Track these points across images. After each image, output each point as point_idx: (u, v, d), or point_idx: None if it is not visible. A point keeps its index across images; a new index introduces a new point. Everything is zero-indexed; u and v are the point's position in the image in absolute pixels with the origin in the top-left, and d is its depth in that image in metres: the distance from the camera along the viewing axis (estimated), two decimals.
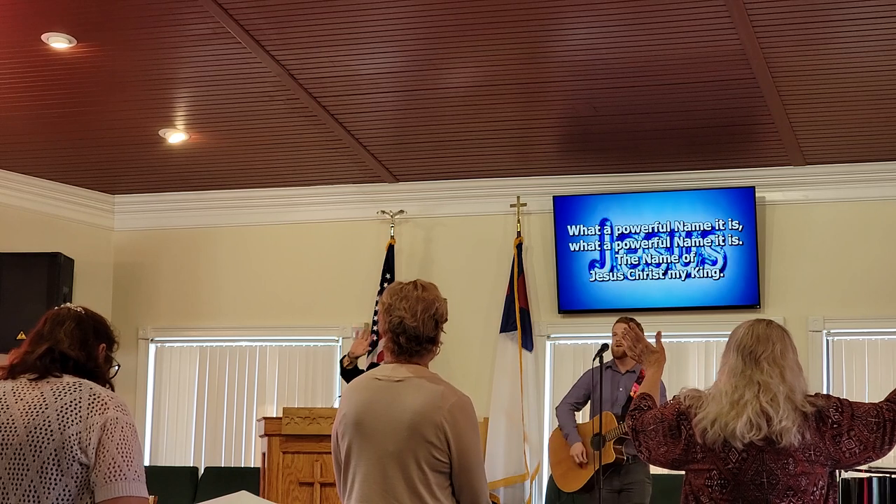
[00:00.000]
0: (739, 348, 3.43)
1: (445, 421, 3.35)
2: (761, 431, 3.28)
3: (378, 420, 3.38)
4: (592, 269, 8.60)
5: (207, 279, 9.41)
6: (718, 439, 3.33)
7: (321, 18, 6.41)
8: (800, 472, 3.28)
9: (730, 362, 3.44)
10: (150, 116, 7.88)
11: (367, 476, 3.37)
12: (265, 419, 6.89)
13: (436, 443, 3.34)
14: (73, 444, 2.89)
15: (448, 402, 3.37)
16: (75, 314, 3.12)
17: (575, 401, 7.21)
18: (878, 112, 7.39)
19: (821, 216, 8.37)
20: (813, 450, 3.30)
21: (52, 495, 2.88)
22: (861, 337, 8.25)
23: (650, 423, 3.53)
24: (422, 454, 3.33)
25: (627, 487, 6.83)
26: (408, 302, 3.45)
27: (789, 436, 3.26)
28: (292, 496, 6.64)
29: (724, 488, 3.33)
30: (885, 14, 6.12)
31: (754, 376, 3.36)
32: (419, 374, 3.44)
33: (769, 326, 3.48)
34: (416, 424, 3.34)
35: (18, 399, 2.97)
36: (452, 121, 7.80)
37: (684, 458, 3.43)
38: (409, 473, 3.33)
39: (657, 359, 3.87)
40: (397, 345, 3.46)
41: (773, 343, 3.42)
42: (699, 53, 6.66)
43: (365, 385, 3.49)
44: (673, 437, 3.45)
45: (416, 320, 3.43)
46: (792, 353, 3.43)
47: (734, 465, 3.32)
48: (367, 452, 3.38)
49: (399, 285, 3.53)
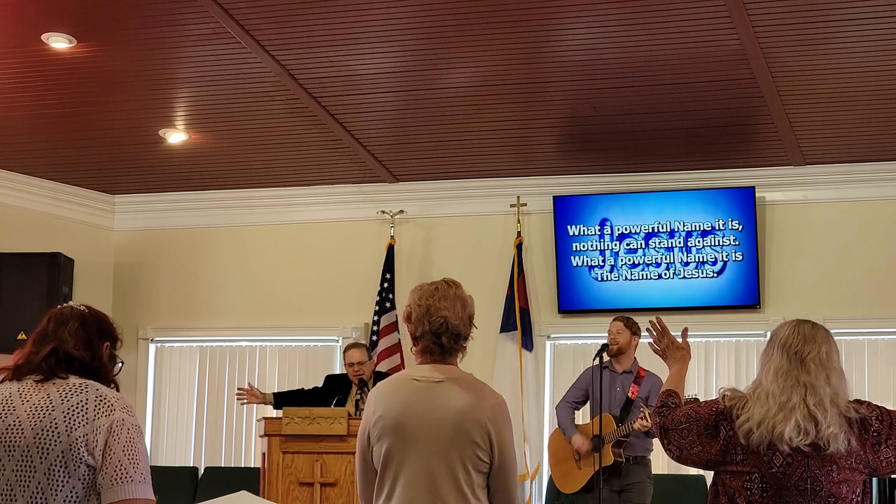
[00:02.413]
0: (785, 347, 3.33)
1: (489, 420, 3.33)
2: (809, 436, 3.20)
3: (421, 421, 3.34)
4: (592, 269, 8.61)
5: (207, 279, 9.41)
6: (764, 442, 3.23)
7: (321, 18, 6.41)
8: (842, 480, 3.23)
9: (774, 362, 3.32)
10: (150, 116, 7.88)
11: (413, 478, 3.32)
12: (265, 419, 6.89)
13: (480, 443, 3.32)
14: (80, 446, 2.89)
15: (489, 403, 3.37)
16: (79, 313, 3.11)
17: (574, 399, 7.21)
18: (878, 112, 7.39)
19: (821, 216, 8.37)
20: (855, 457, 3.24)
21: (59, 497, 2.88)
22: (861, 337, 8.24)
23: (682, 420, 3.41)
24: (467, 455, 3.31)
25: (628, 488, 6.82)
26: (448, 301, 3.41)
27: (837, 442, 3.19)
28: (292, 496, 6.64)
29: (766, 492, 3.24)
30: (885, 14, 6.12)
31: (801, 377, 3.26)
32: (456, 374, 3.42)
33: (815, 327, 3.38)
34: (460, 425, 3.32)
35: (25, 401, 2.97)
36: (452, 121, 7.80)
37: (721, 458, 3.33)
38: (456, 474, 3.31)
39: (682, 355, 3.74)
40: (438, 345, 3.41)
41: (819, 344, 3.33)
42: (699, 53, 6.66)
43: (402, 386, 3.44)
44: (710, 436, 3.35)
45: (458, 319, 3.41)
46: (836, 356, 3.34)
47: (778, 470, 3.23)
48: (411, 454, 3.34)
49: (432, 286, 3.47)
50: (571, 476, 7.05)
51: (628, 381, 6.97)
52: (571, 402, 7.20)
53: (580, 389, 7.19)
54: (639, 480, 6.82)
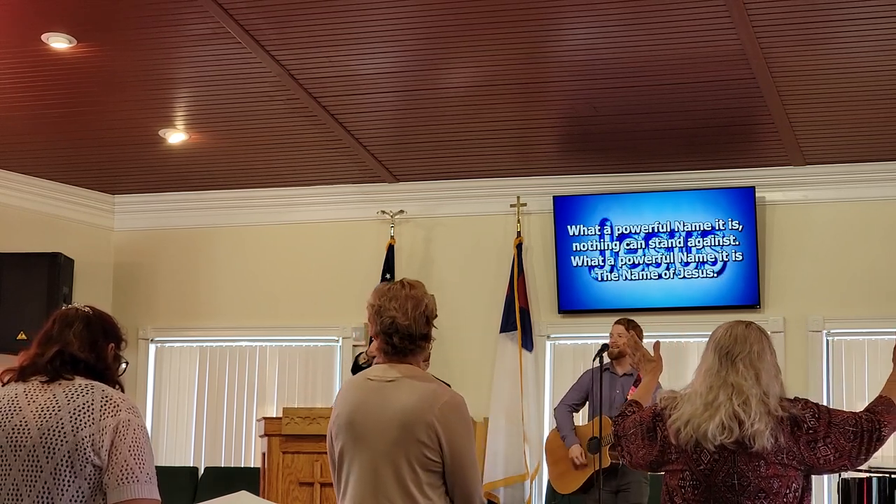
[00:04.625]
0: (717, 349, 3.42)
1: (437, 420, 3.34)
2: (733, 434, 3.27)
3: (370, 420, 3.39)
4: (592, 269, 8.61)
5: (207, 279, 9.41)
6: (691, 440, 3.33)
7: (321, 18, 6.41)
8: (772, 475, 3.27)
9: (707, 362, 3.43)
10: (150, 116, 7.88)
11: (360, 476, 3.37)
12: (265, 419, 6.89)
13: (427, 442, 3.34)
14: (87, 447, 2.90)
15: (439, 402, 3.37)
16: (84, 315, 3.11)
17: (573, 402, 7.22)
18: (878, 112, 7.39)
19: (821, 216, 8.37)
20: (786, 453, 3.29)
21: (65, 497, 2.89)
22: (861, 337, 8.25)
23: (630, 427, 3.54)
24: (413, 453, 3.33)
25: (624, 488, 6.84)
26: (398, 301, 3.44)
27: (762, 439, 3.25)
28: (292, 496, 6.64)
29: (697, 489, 3.33)
30: (885, 14, 6.12)
31: (729, 377, 3.35)
32: (411, 373, 3.44)
33: (748, 328, 3.46)
34: (406, 424, 3.34)
35: (31, 401, 2.97)
36: (452, 121, 7.80)
37: (660, 459, 3.44)
38: (401, 473, 3.33)
39: (653, 367, 3.86)
40: (390, 345, 3.45)
41: (751, 344, 3.40)
42: (699, 53, 6.66)
43: (357, 385, 3.51)
44: (650, 439, 3.46)
45: (407, 318, 3.43)
46: (770, 356, 3.41)
47: (706, 467, 3.32)
48: (360, 453, 3.39)
49: (385, 286, 3.53)
50: (568, 477, 7.06)
51: (628, 384, 6.97)
52: (570, 404, 7.21)
53: (579, 391, 7.20)
54: (635, 480, 6.83)
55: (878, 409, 3.43)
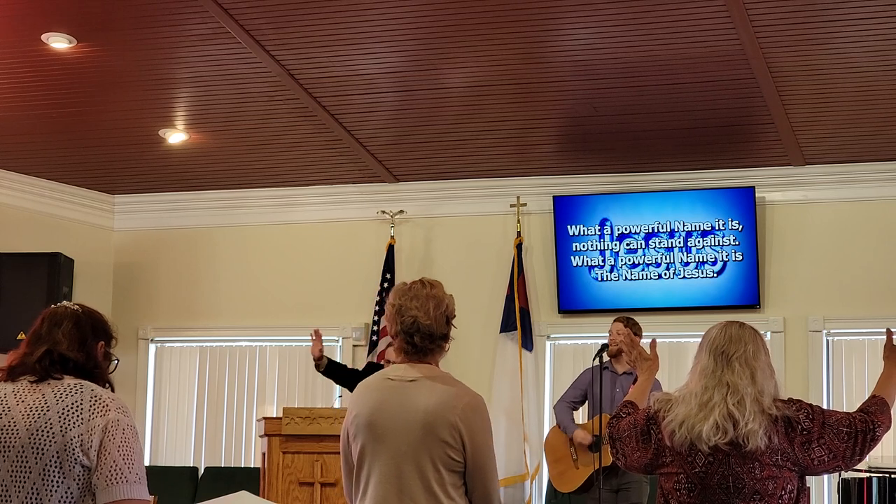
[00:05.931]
0: (712, 348, 3.41)
1: (460, 420, 3.34)
2: (727, 435, 3.26)
3: (391, 420, 3.37)
4: (592, 269, 8.61)
5: (207, 279, 9.41)
6: (685, 442, 3.31)
7: (321, 18, 6.41)
8: (766, 476, 3.26)
9: (701, 362, 3.41)
10: (150, 116, 7.88)
11: (383, 477, 3.35)
12: (265, 419, 6.88)
13: (450, 442, 3.33)
14: (76, 447, 2.89)
15: (462, 402, 3.37)
16: (73, 313, 3.09)
17: (572, 399, 7.21)
18: (878, 112, 7.39)
19: (820, 216, 8.37)
20: (780, 454, 3.28)
21: (54, 497, 2.88)
22: (861, 337, 8.25)
23: (625, 429, 3.52)
24: (437, 453, 3.33)
25: (624, 487, 6.83)
26: (419, 301, 3.44)
27: (755, 439, 3.24)
28: (292, 496, 6.64)
29: (692, 492, 3.32)
30: (885, 14, 6.12)
31: (724, 377, 3.33)
32: (431, 373, 3.44)
33: (742, 328, 3.45)
34: (429, 424, 3.33)
35: (20, 401, 2.96)
36: (452, 121, 7.80)
37: (655, 462, 3.43)
38: (425, 473, 3.32)
39: (649, 366, 3.84)
40: (411, 345, 3.44)
41: (746, 344, 3.39)
42: (699, 53, 6.66)
43: (377, 385, 3.48)
44: (644, 442, 3.44)
45: (429, 318, 3.42)
46: (764, 356, 3.40)
47: (701, 469, 3.30)
48: (382, 453, 3.37)
49: (406, 285, 3.51)
50: (568, 476, 7.05)
51: (628, 383, 6.96)
52: (570, 401, 7.20)
53: (579, 389, 7.20)
54: (635, 480, 6.82)
55: (872, 408, 3.43)
